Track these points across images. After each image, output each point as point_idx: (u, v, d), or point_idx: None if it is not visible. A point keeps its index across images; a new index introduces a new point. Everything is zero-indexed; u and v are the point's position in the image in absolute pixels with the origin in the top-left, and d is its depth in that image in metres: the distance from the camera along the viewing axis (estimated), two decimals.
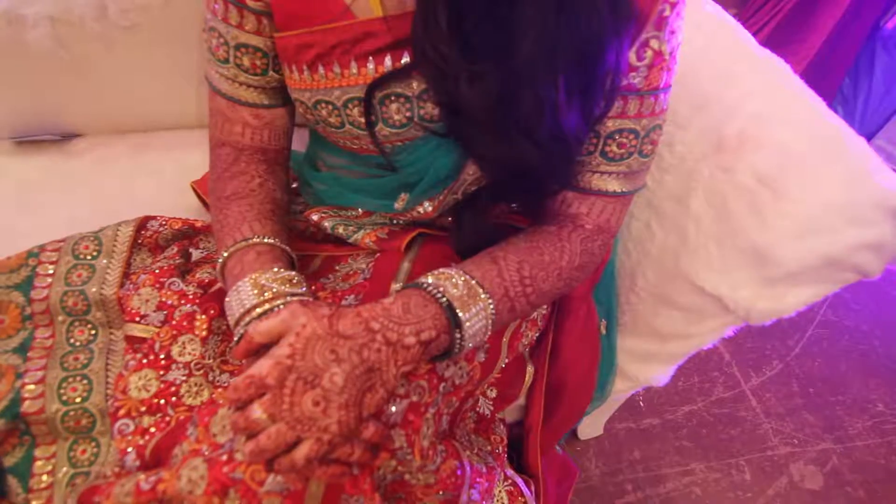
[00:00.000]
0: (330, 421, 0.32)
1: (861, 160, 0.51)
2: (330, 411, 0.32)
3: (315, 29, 0.42)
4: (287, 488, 0.35)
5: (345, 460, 0.34)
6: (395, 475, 0.41)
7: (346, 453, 0.34)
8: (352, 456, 0.34)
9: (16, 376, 0.52)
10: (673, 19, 0.39)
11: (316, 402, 0.32)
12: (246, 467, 0.35)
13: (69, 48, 0.67)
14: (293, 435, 0.32)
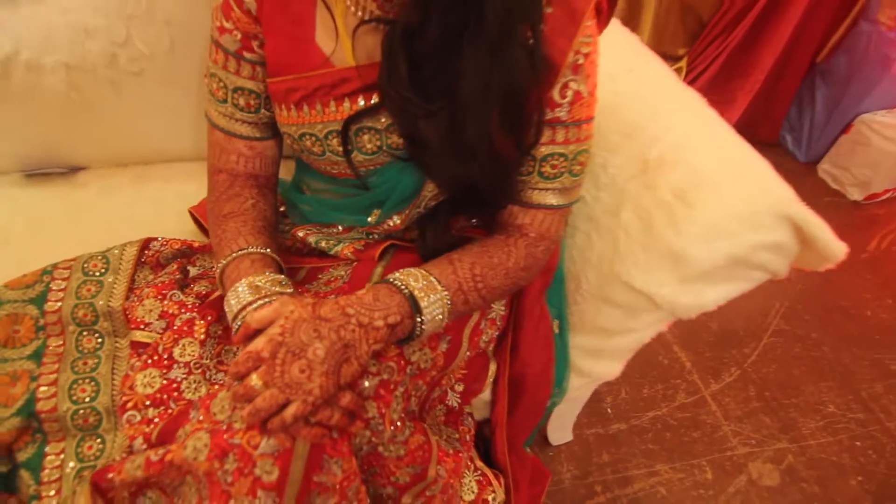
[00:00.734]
0: (313, 385, 0.40)
1: (761, 177, 0.61)
2: (313, 378, 0.40)
3: (301, 76, 0.52)
4: (277, 450, 0.42)
5: (325, 423, 0.42)
6: (370, 447, 0.48)
7: (327, 416, 0.41)
8: (331, 419, 0.41)
9: (31, 379, 0.58)
10: (587, 66, 0.50)
11: (302, 370, 0.39)
12: (243, 434, 0.42)
13: (81, 91, 0.76)
14: (283, 397, 0.39)
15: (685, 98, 0.70)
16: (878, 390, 1.31)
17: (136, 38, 0.72)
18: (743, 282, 0.63)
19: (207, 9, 0.71)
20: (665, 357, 1.30)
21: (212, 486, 0.44)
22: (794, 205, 0.57)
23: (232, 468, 0.42)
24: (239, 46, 0.53)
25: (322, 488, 0.46)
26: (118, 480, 0.47)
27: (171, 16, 0.71)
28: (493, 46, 0.43)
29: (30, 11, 0.70)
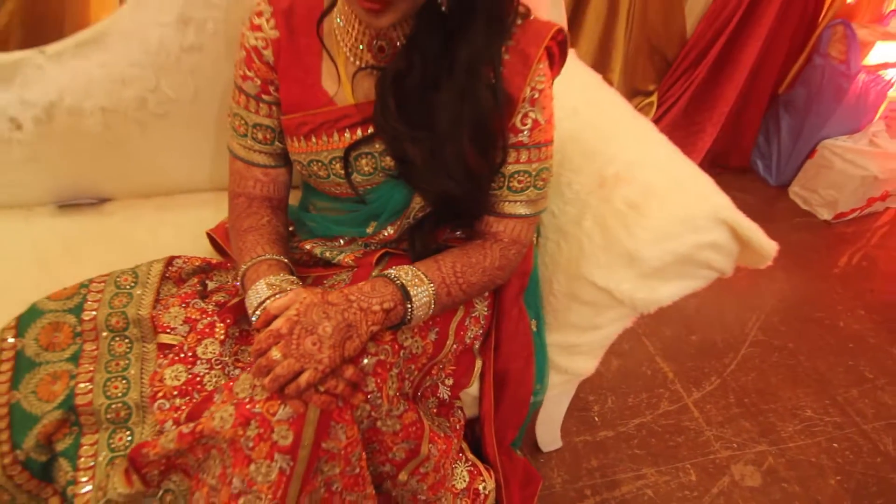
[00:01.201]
0: (323, 356, 0.48)
1: (700, 188, 0.72)
2: (323, 350, 0.48)
3: (309, 113, 0.63)
4: (292, 416, 0.49)
5: (332, 392, 0.50)
6: (369, 421, 0.56)
7: (333, 385, 0.49)
8: (337, 388, 0.50)
9: (70, 378, 0.65)
10: (542, 99, 0.61)
11: (314, 343, 0.48)
12: (263, 403, 0.50)
13: (113, 131, 0.87)
14: (298, 366, 0.48)
15: (637, 125, 0.82)
16: (854, 395, 1.38)
17: (165, 85, 0.84)
18: (693, 279, 0.72)
19: (227, 62, 0.84)
20: (648, 368, 1.38)
21: (235, 454, 0.52)
22: (727, 210, 0.67)
23: (253, 434, 0.50)
24: (258, 90, 0.64)
25: (329, 455, 0.54)
26: (152, 454, 0.55)
27: (196, 67, 0.83)
28: (463, 86, 0.54)
29: (74, 65, 0.82)
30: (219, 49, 0.82)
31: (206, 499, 0.56)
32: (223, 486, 0.53)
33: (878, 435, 1.29)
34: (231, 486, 0.52)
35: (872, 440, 1.27)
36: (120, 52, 0.80)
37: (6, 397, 0.63)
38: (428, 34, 0.56)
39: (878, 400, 1.37)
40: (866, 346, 1.53)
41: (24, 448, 0.61)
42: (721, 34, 1.74)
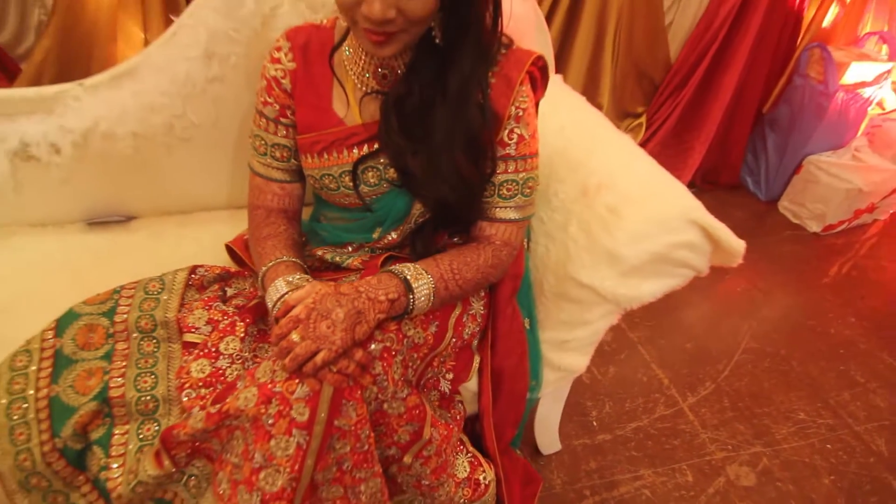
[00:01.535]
0: (336, 338, 0.55)
1: (673, 193, 0.79)
2: (336, 332, 0.55)
3: (322, 132, 0.71)
4: (309, 394, 0.56)
5: (344, 371, 0.56)
6: (376, 403, 0.62)
7: (345, 366, 0.56)
8: (348, 368, 0.56)
9: (104, 374, 0.72)
10: (525, 117, 0.69)
11: (328, 326, 0.55)
12: (283, 383, 0.56)
13: (142, 154, 0.96)
14: (315, 346, 0.54)
15: (617, 140, 0.90)
16: (846, 398, 1.42)
17: (190, 112, 0.93)
18: (671, 277, 0.79)
19: (246, 91, 0.93)
20: (644, 375, 1.42)
21: (256, 431, 0.58)
22: (698, 212, 0.74)
23: (274, 411, 0.56)
24: (277, 114, 0.73)
25: (341, 433, 0.60)
26: (182, 434, 0.61)
27: (218, 96, 0.92)
28: (455, 106, 0.63)
29: (109, 95, 0.92)
30: (239, 80, 0.91)
31: (230, 476, 0.61)
32: (245, 462, 0.59)
33: (870, 436, 1.32)
34: (253, 462, 0.58)
35: (865, 441, 1.31)
36: (151, 83, 0.90)
37: (46, 391, 0.69)
38: (424, 63, 0.64)
39: (869, 402, 1.41)
40: (857, 351, 1.57)
41: (62, 436, 0.67)
42: (704, 58, 1.85)
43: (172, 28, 0.89)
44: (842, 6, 1.97)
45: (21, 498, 0.69)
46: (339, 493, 0.65)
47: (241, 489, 0.60)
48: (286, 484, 0.58)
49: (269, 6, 0.86)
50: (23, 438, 0.66)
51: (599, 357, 1.45)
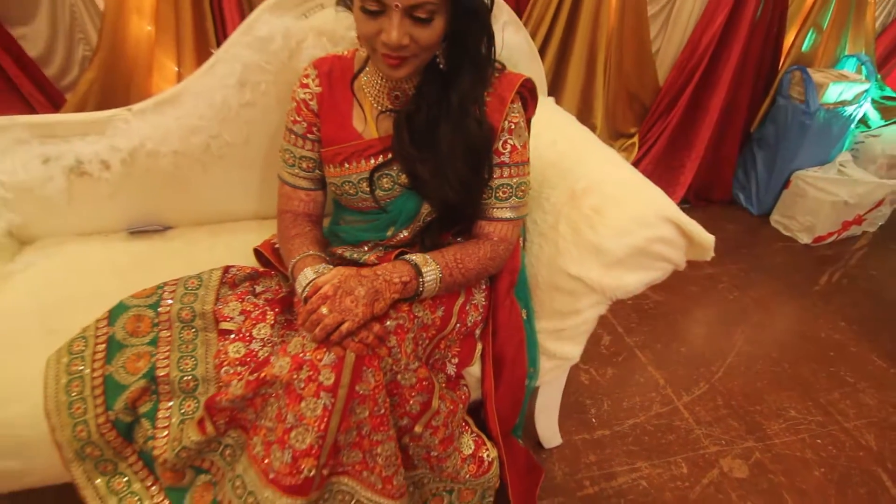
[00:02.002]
0: (358, 311, 0.65)
1: (650, 195, 0.89)
2: (358, 306, 0.65)
3: (342, 145, 0.83)
4: (334, 361, 0.65)
5: (364, 341, 0.66)
6: (391, 374, 0.71)
7: (365, 336, 0.66)
8: (368, 339, 0.66)
9: (150, 357, 0.82)
10: (517, 129, 0.80)
11: (352, 301, 0.65)
12: (312, 352, 0.66)
13: (181, 170, 1.08)
14: (340, 318, 0.64)
15: (602, 152, 1.01)
16: (835, 397, 1.48)
17: (225, 133, 1.05)
18: (652, 270, 0.88)
19: (274, 114, 1.06)
20: (641, 376, 1.50)
21: (289, 395, 0.67)
22: (671, 210, 0.84)
23: (304, 377, 0.66)
24: (304, 131, 0.85)
25: (361, 398, 0.69)
26: (224, 401, 0.70)
27: (250, 119, 1.05)
28: (457, 121, 0.75)
29: (154, 118, 1.05)
30: (269, 104, 1.04)
31: (264, 439, 0.71)
32: (279, 423, 0.68)
33: (859, 432, 1.38)
34: (285, 423, 0.68)
35: (854, 436, 1.36)
36: (191, 108, 1.03)
37: (101, 371, 0.79)
38: (431, 85, 0.77)
39: (859, 401, 1.47)
40: (847, 353, 1.64)
41: (114, 410, 0.76)
42: (690, 82, 1.99)
43: (211, 60, 1.03)
44: (818, 32, 2.11)
45: (76, 466, 0.78)
46: (358, 457, 0.74)
47: (274, 448, 0.69)
48: (314, 441, 0.67)
49: (296, 41, 0.99)
50: (80, 412, 0.76)
51: (598, 359, 1.53)
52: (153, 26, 1.46)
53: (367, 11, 0.67)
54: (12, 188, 1.02)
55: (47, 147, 1.03)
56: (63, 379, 0.78)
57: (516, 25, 1.13)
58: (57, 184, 1.04)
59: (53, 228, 1.10)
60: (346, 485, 0.76)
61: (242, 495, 0.72)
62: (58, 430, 0.76)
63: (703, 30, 1.91)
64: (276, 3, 1.00)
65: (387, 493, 0.76)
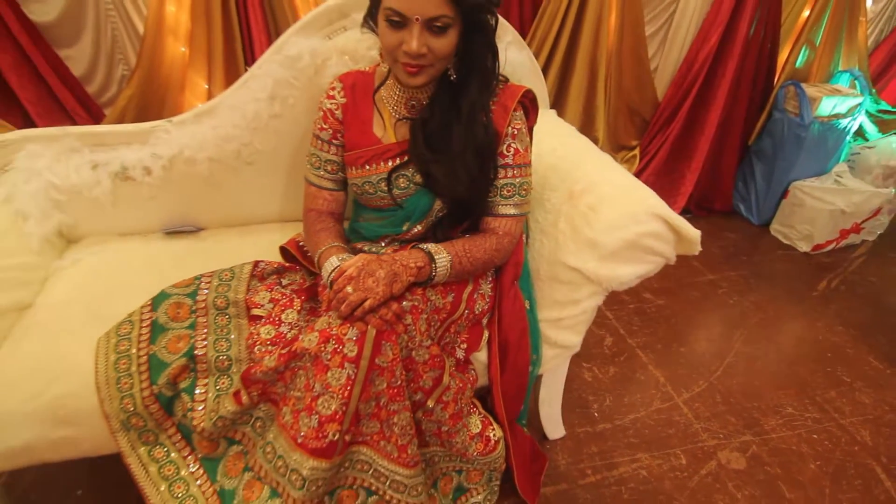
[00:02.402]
0: (379, 290, 0.74)
1: (641, 195, 0.98)
2: (379, 286, 0.74)
3: (364, 149, 0.93)
4: (357, 335, 0.74)
5: (384, 318, 0.75)
6: (406, 350, 0.80)
7: (385, 313, 0.75)
8: (387, 315, 0.75)
9: (189, 338, 0.91)
10: (519, 135, 0.90)
11: (373, 281, 0.74)
12: (337, 328, 0.75)
13: (215, 175, 1.19)
14: (363, 296, 0.74)
15: (598, 157, 1.10)
16: (832, 395, 1.53)
17: (255, 141, 1.16)
18: (644, 263, 0.97)
19: (300, 125, 1.16)
20: (642, 374, 1.56)
21: (316, 365, 0.76)
22: (661, 208, 0.93)
23: (330, 349, 0.75)
24: (330, 137, 0.95)
25: (380, 370, 0.77)
26: (259, 373, 0.79)
27: (278, 129, 1.16)
28: (466, 126, 0.84)
29: (192, 128, 1.16)
30: (296, 116, 1.15)
31: (292, 408, 0.79)
32: (306, 393, 0.77)
33: (855, 428, 1.42)
34: (313, 391, 0.76)
35: (850, 432, 1.41)
36: (226, 119, 1.14)
37: (146, 350, 0.88)
38: (442, 95, 0.87)
39: (855, 399, 1.52)
40: (844, 355, 1.69)
41: (158, 384, 0.85)
42: (687, 97, 2.08)
43: (245, 76, 1.15)
44: (812, 48, 2.21)
45: (122, 436, 0.87)
46: (376, 427, 0.82)
47: (302, 415, 0.77)
48: (338, 408, 0.75)
49: (321, 59, 1.10)
50: (127, 386, 0.85)
51: (600, 359, 1.60)
52: (187, 47, 1.59)
53: (391, 23, 0.78)
54: (64, 191, 1.13)
55: (96, 154, 1.14)
56: (112, 357, 0.87)
57: (520, 44, 1.24)
58: (104, 187, 1.14)
59: (98, 228, 1.21)
60: (365, 454, 0.84)
61: (272, 459, 0.80)
62: (106, 402, 0.85)
63: (699, 48, 2.01)
64: (304, 25, 1.12)
65: (402, 461, 0.84)
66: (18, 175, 1.09)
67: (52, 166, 1.11)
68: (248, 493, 0.82)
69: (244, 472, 0.84)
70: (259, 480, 0.82)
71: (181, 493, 0.85)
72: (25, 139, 1.11)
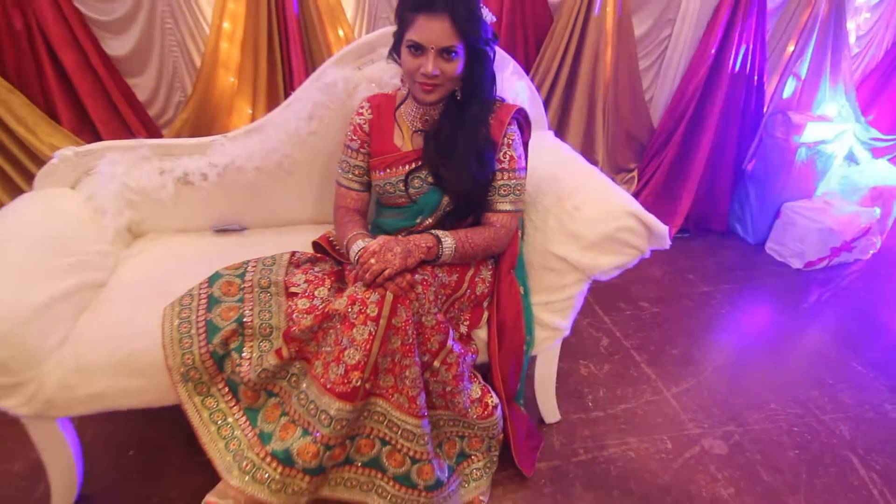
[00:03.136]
0: (396, 262, 0.93)
1: (618, 197, 1.15)
2: (396, 259, 0.93)
3: (386, 156, 1.14)
4: (378, 299, 0.92)
5: (399, 285, 0.93)
6: (417, 316, 0.97)
7: (400, 281, 0.93)
8: (402, 283, 0.93)
9: (239, 309, 1.10)
10: (513, 144, 1.09)
11: (392, 255, 0.93)
12: (362, 293, 0.93)
13: (260, 182, 1.40)
14: (384, 266, 0.92)
15: (584, 168, 1.29)
16: (815, 394, 1.63)
17: (295, 153, 1.38)
18: (621, 255, 1.13)
19: (333, 141, 1.38)
20: (635, 371, 1.69)
21: (344, 323, 0.94)
22: (635, 206, 1.10)
23: (356, 310, 0.93)
24: (358, 146, 1.16)
25: (395, 330, 0.95)
26: (297, 331, 0.97)
27: (314, 144, 1.37)
28: (469, 135, 1.04)
29: (243, 142, 1.38)
30: (330, 133, 1.37)
31: (324, 361, 0.96)
32: (336, 347, 0.95)
33: (835, 424, 1.52)
34: (341, 345, 0.94)
35: (829, 427, 1.51)
36: (272, 135, 1.36)
37: (203, 316, 1.07)
38: (450, 111, 1.07)
39: (837, 399, 1.62)
40: (829, 359, 1.79)
41: (213, 343, 1.04)
42: (680, 123, 2.27)
43: (289, 100, 1.37)
44: (798, 80, 2.39)
45: (181, 386, 1.05)
46: (391, 382, 0.99)
47: (331, 366, 0.94)
48: (361, 358, 0.93)
49: (352, 86, 1.33)
50: (187, 345, 1.04)
51: (596, 357, 1.74)
52: (236, 78, 1.85)
53: (412, 51, 1.00)
54: (136, 192, 1.35)
55: (163, 162, 1.37)
56: (175, 322, 1.06)
57: (520, 74, 1.45)
58: (168, 190, 1.37)
59: (159, 225, 1.43)
60: (381, 406, 1.01)
61: (305, 404, 0.97)
62: (170, 357, 1.03)
63: (689, 81, 2.21)
64: (339, 58, 1.35)
65: (411, 411, 1.00)
66: (100, 178, 1.32)
67: (128, 171, 1.34)
68: (283, 433, 0.98)
69: (281, 416, 1.01)
70: (293, 423, 0.98)
71: (227, 435, 1.02)
72: (107, 148, 1.34)
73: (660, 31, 2.19)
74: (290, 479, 0.95)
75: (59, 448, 1.11)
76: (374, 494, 1.06)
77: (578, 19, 1.99)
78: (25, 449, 1.30)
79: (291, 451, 0.95)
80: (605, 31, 2.06)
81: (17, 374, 0.98)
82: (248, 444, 0.99)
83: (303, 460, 0.95)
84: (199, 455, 1.03)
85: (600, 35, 2.05)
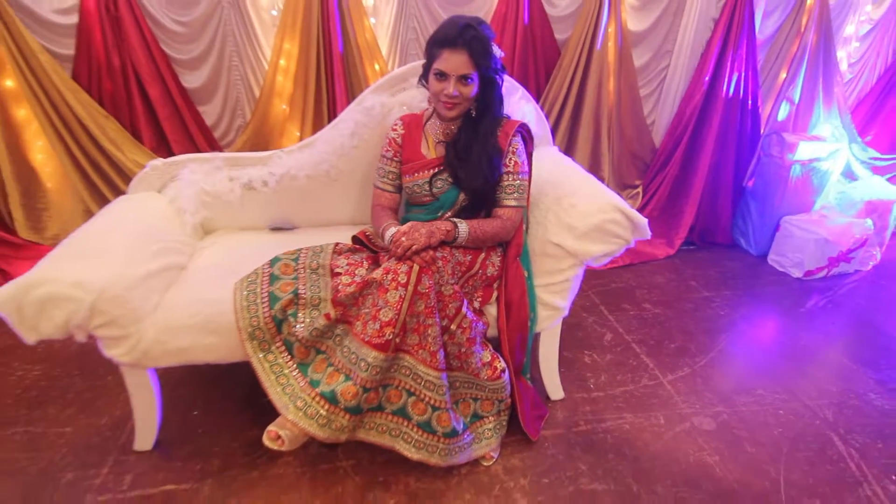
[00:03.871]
0: (422, 239, 1.19)
1: (607, 196, 1.38)
2: (422, 237, 1.19)
3: (414, 163, 1.41)
4: (407, 269, 1.17)
5: (424, 259, 1.18)
6: (437, 285, 1.21)
7: (424, 255, 1.18)
8: (426, 257, 1.18)
9: (294, 284, 1.35)
10: (517, 152, 1.34)
11: (418, 235, 1.19)
12: (394, 265, 1.18)
13: (309, 188, 1.69)
14: (411, 243, 1.18)
15: (581, 174, 1.53)
16: (802, 384, 1.77)
17: (340, 164, 1.66)
18: (610, 244, 1.36)
19: (371, 154, 1.66)
20: (634, 361, 1.86)
21: (380, 289, 1.18)
22: (620, 202, 1.33)
23: (390, 278, 1.17)
24: (392, 155, 1.44)
25: (420, 295, 1.19)
26: (342, 296, 1.22)
27: (355, 156, 1.66)
28: (481, 144, 1.30)
29: (297, 155, 1.67)
30: (369, 147, 1.65)
31: (363, 321, 1.21)
32: (373, 308, 1.19)
33: (819, 408, 1.66)
34: (377, 306, 1.18)
35: (813, 410, 1.65)
36: (321, 149, 1.66)
37: (266, 289, 1.33)
38: (467, 126, 1.34)
39: (823, 388, 1.75)
40: (821, 356, 1.93)
41: (274, 309, 1.29)
42: (680, 144, 2.49)
43: (335, 121, 1.67)
44: (791, 104, 2.59)
45: (248, 343, 1.30)
46: (416, 340, 1.22)
47: (369, 323, 1.19)
48: (393, 316, 1.17)
49: (388, 109, 1.62)
50: (254, 311, 1.29)
51: (599, 348, 1.92)
52: (288, 106, 2.18)
53: (437, 76, 1.28)
54: (210, 195, 1.65)
55: (232, 172, 1.67)
56: (244, 292, 1.32)
57: (527, 98, 1.72)
58: (235, 194, 1.66)
59: (226, 224, 1.72)
60: (408, 361, 1.24)
61: (348, 355, 1.21)
62: (240, 320, 1.29)
63: (686, 105, 2.45)
64: (376, 87, 1.65)
65: (433, 364, 1.22)
66: (182, 183, 1.63)
67: (204, 178, 1.64)
68: (329, 379, 1.22)
69: (327, 367, 1.25)
70: (337, 371, 1.22)
71: (284, 383, 1.26)
72: (188, 160, 1.65)
73: (658, 62, 2.44)
74: (334, 415, 1.19)
75: (146, 395, 1.37)
76: (401, 440, 1.27)
77: (583, 53, 2.27)
78: (111, 407, 1.58)
79: (336, 392, 1.18)
80: (608, 63, 2.33)
81: (124, 328, 1.25)
82: (300, 389, 1.23)
83: (345, 399, 1.18)
84: (254, 415, 1.27)
85: (603, 67, 2.32)
